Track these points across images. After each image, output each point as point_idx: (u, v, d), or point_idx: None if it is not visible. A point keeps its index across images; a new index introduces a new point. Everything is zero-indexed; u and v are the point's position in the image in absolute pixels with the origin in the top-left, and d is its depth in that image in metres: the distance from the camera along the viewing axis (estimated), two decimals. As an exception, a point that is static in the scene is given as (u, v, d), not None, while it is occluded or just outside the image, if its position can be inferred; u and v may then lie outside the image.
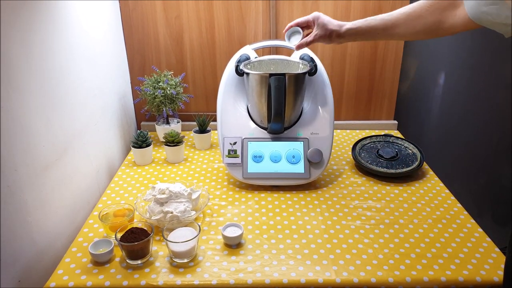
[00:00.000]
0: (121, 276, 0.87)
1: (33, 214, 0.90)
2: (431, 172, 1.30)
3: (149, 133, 1.38)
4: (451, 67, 1.52)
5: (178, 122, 1.52)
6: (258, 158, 1.20)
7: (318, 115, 1.23)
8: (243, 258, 0.93)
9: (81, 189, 1.13)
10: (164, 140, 1.36)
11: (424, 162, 1.32)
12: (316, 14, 1.03)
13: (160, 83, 1.41)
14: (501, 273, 0.88)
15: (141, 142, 1.33)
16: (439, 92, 1.56)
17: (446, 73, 1.53)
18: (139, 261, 0.91)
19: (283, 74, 1.11)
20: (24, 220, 0.87)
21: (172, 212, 0.99)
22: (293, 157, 1.19)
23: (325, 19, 1.01)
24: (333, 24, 1.00)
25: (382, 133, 1.58)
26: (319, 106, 1.24)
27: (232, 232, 0.97)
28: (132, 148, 1.34)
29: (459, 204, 1.13)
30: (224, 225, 1.00)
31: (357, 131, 1.63)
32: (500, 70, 1.46)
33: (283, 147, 1.20)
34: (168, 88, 1.40)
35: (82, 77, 1.14)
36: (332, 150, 1.41)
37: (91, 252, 0.91)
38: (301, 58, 1.23)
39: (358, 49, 1.52)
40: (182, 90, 1.46)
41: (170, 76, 1.44)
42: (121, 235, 0.92)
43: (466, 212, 1.09)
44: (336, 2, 1.44)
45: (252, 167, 1.19)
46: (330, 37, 1.00)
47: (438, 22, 0.84)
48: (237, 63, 1.21)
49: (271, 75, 1.11)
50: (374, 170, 1.26)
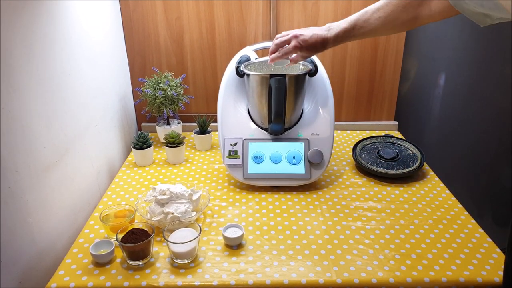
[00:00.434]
0: (122, 277, 0.87)
1: (33, 215, 0.90)
2: (432, 172, 1.30)
3: (149, 134, 1.38)
4: (451, 68, 1.52)
5: (178, 123, 1.52)
6: (258, 159, 1.20)
7: (319, 116, 1.23)
8: (244, 259, 0.93)
9: (82, 190, 1.13)
10: (165, 141, 1.36)
11: (425, 163, 1.32)
12: (296, 46, 1.00)
13: (161, 84, 1.41)
14: (502, 273, 0.87)
15: (142, 143, 1.33)
16: (440, 92, 1.56)
17: (446, 74, 1.53)
18: (140, 262, 0.91)
19: (284, 75, 1.11)
20: (25, 221, 0.87)
21: (172, 213, 0.99)
22: (294, 158, 1.20)
23: (306, 46, 0.99)
24: (317, 45, 0.99)
25: (383, 133, 1.58)
26: (319, 107, 1.24)
27: (233, 233, 0.97)
28: (133, 149, 1.34)
29: (459, 205, 1.13)
30: (224, 226, 1.00)
31: (358, 131, 1.63)
32: (501, 70, 1.46)
33: (283, 148, 1.21)
34: (169, 89, 1.40)
35: (82, 78, 1.14)
36: (333, 151, 1.41)
37: (92, 253, 0.91)
38: (302, 59, 1.23)
39: (359, 50, 1.52)
40: (182, 91, 1.46)
41: (170, 77, 1.44)
42: (122, 236, 0.92)
43: (466, 213, 1.09)
44: (336, 2, 1.44)
45: (253, 168, 1.19)
46: (314, 54, 1.03)
47: (415, 18, 0.87)
48: (238, 64, 1.21)
49: (271, 76, 1.11)
50: (374, 171, 1.26)
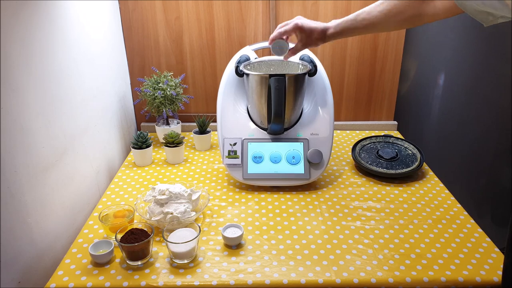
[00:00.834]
0: (121, 277, 0.87)
1: (33, 215, 0.90)
2: (431, 172, 1.30)
3: (149, 134, 1.38)
4: (451, 67, 1.52)
5: (178, 123, 1.52)
6: (258, 159, 1.20)
7: (318, 116, 1.23)
8: (243, 259, 0.93)
9: (81, 190, 1.13)
10: (164, 141, 1.36)
11: (424, 163, 1.32)
12: (297, 23, 1.02)
13: (160, 84, 1.41)
14: (500, 273, 0.88)
15: (141, 143, 1.33)
16: (439, 92, 1.56)
17: (446, 74, 1.53)
18: (139, 262, 0.91)
19: (283, 75, 1.11)
20: (24, 221, 0.87)
21: (172, 213, 0.99)
22: (293, 157, 1.20)
23: (307, 28, 1.02)
24: (317, 31, 1.01)
25: (382, 133, 1.58)
26: (319, 107, 1.24)
27: (232, 233, 0.97)
28: (132, 149, 1.34)
29: (459, 205, 1.13)
30: (224, 226, 1.00)
31: (357, 131, 1.63)
32: (500, 70, 1.46)
33: (283, 148, 1.21)
34: (168, 89, 1.40)
35: (82, 78, 1.14)
36: (332, 151, 1.41)
37: (91, 253, 0.91)
38: (301, 58, 1.23)
39: (358, 50, 1.52)
40: (182, 91, 1.46)
41: (170, 77, 1.44)
42: (121, 236, 0.92)
43: (466, 213, 1.09)
44: (336, 2, 1.44)
45: (252, 168, 1.19)
46: (315, 43, 1.04)
47: (419, 15, 0.86)
48: (237, 64, 1.21)
49: (271, 76, 1.11)
50: (374, 170, 1.26)
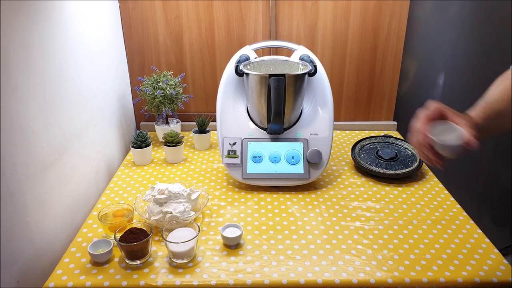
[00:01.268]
0: (120, 277, 0.87)
1: (32, 214, 0.90)
2: (430, 173, 1.30)
3: (148, 133, 1.38)
4: (450, 68, 1.52)
5: (177, 122, 1.52)
6: (257, 159, 1.20)
7: (318, 116, 1.23)
8: (243, 258, 0.93)
9: (80, 189, 1.13)
10: (164, 140, 1.36)
11: (424, 163, 1.32)
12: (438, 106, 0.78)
13: (160, 83, 1.41)
14: (500, 274, 0.88)
15: (141, 142, 1.33)
16: (439, 93, 1.56)
17: (445, 74, 1.53)
18: (138, 262, 0.91)
19: (283, 75, 1.11)
20: (23, 220, 0.87)
21: (171, 213, 0.99)
22: (293, 157, 1.19)
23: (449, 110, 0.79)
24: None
25: (382, 134, 1.58)
26: (318, 107, 1.24)
27: (232, 233, 0.97)
28: (132, 148, 1.34)
29: (458, 205, 1.13)
30: (223, 226, 1.00)
31: (357, 131, 1.63)
32: (500, 71, 1.46)
33: (282, 148, 1.20)
34: (168, 88, 1.40)
35: (81, 77, 1.14)
36: (332, 151, 1.41)
37: (90, 252, 0.91)
38: (301, 58, 1.23)
39: (358, 50, 1.52)
40: (181, 90, 1.45)
41: (169, 76, 1.44)
42: (120, 235, 0.92)
43: (465, 213, 1.09)
44: (336, 2, 1.44)
45: (252, 168, 1.19)
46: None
47: None
48: (237, 63, 1.21)
49: (270, 75, 1.11)
50: (373, 171, 1.26)
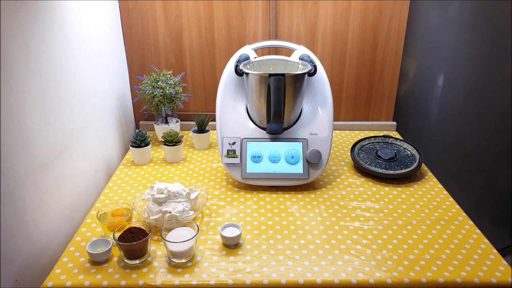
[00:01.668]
0: (119, 276, 0.87)
1: (31, 213, 0.89)
2: (430, 173, 1.30)
3: (147, 132, 1.38)
4: (450, 68, 1.52)
5: (177, 121, 1.52)
6: (257, 159, 1.19)
7: (317, 116, 1.23)
8: (242, 258, 0.93)
9: (79, 188, 1.13)
10: (163, 140, 1.36)
11: (423, 164, 1.32)
12: None
13: (159, 83, 1.41)
14: (499, 274, 0.88)
15: (140, 141, 1.33)
16: (438, 93, 1.56)
17: (445, 75, 1.53)
18: (137, 261, 0.91)
19: (283, 75, 1.11)
20: (22, 219, 0.87)
21: (170, 212, 0.99)
22: (292, 157, 1.19)
23: None
24: None
25: (381, 134, 1.58)
26: (318, 107, 1.24)
27: (231, 233, 0.97)
28: (131, 148, 1.34)
29: (457, 206, 1.13)
30: (222, 225, 1.00)
31: (356, 132, 1.63)
32: (499, 71, 1.47)
33: (282, 148, 1.20)
34: (167, 88, 1.40)
35: (81, 76, 1.14)
36: (331, 151, 1.41)
37: (89, 251, 0.90)
38: (301, 58, 1.23)
39: (358, 50, 1.52)
40: (181, 90, 1.45)
41: (169, 76, 1.44)
42: (119, 234, 0.92)
43: (464, 214, 1.09)
44: (336, 2, 1.44)
45: (251, 167, 1.19)
46: None
47: None
48: (237, 63, 1.21)
49: (270, 75, 1.11)
50: (372, 171, 1.26)
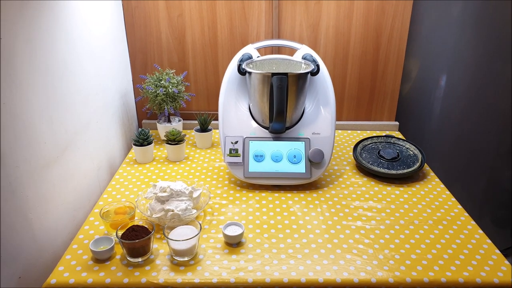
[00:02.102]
0: (122, 274, 0.87)
1: (34, 211, 0.90)
2: (432, 173, 1.30)
3: (150, 131, 1.38)
4: (452, 69, 1.52)
5: (179, 120, 1.52)
6: (259, 158, 1.20)
7: (320, 115, 1.23)
8: (244, 257, 0.93)
9: (82, 186, 1.13)
10: (165, 139, 1.36)
11: (425, 164, 1.32)
12: None
13: (162, 81, 1.41)
14: (501, 274, 0.88)
15: (142, 140, 1.33)
16: (441, 93, 1.56)
17: (447, 75, 1.53)
18: (140, 259, 0.91)
19: (286, 74, 1.11)
20: (25, 216, 0.87)
21: (173, 210, 0.99)
22: (294, 157, 1.19)
23: None
24: None
25: (383, 134, 1.58)
26: (320, 106, 1.24)
27: (233, 231, 0.97)
28: (133, 146, 1.34)
29: (459, 206, 1.13)
30: (225, 224, 1.00)
31: (358, 131, 1.63)
32: (502, 72, 1.46)
33: (284, 147, 1.20)
34: (170, 87, 1.40)
35: (84, 74, 1.14)
36: (333, 151, 1.41)
37: (92, 249, 0.91)
38: (304, 58, 1.23)
39: (361, 50, 1.52)
40: (183, 89, 1.46)
41: (172, 75, 1.44)
42: (122, 232, 0.92)
43: (466, 214, 1.09)
44: (339, 2, 1.44)
45: (253, 167, 1.19)
46: None
47: None
48: (240, 62, 1.21)
49: (273, 74, 1.11)
50: (375, 171, 1.26)
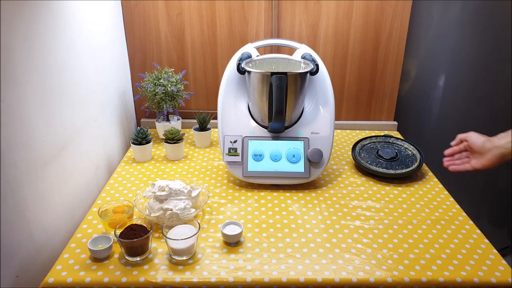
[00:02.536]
0: (120, 273, 0.87)
1: (32, 210, 0.90)
2: (430, 173, 1.30)
3: (149, 130, 1.37)
4: (451, 68, 1.52)
5: (178, 119, 1.52)
6: (258, 157, 1.20)
7: (319, 115, 1.23)
8: (242, 256, 0.93)
9: (80, 185, 1.13)
10: (164, 137, 1.36)
11: (424, 163, 1.33)
12: (469, 139, 1.04)
13: (161, 80, 1.40)
14: (498, 274, 0.88)
15: (141, 139, 1.33)
16: (439, 93, 1.56)
17: (446, 75, 1.53)
18: (138, 258, 0.91)
19: (285, 73, 1.11)
20: (23, 215, 0.87)
21: (171, 210, 0.99)
22: (293, 156, 1.19)
23: (478, 148, 1.02)
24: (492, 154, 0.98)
25: (382, 133, 1.58)
26: (320, 106, 1.24)
27: (232, 230, 0.97)
28: (132, 145, 1.34)
29: (457, 206, 1.13)
30: (223, 223, 1.00)
31: (357, 131, 1.63)
32: (501, 72, 1.47)
33: (283, 146, 1.20)
34: (169, 85, 1.40)
35: (83, 73, 1.14)
36: (332, 150, 1.41)
37: (90, 248, 0.91)
38: (303, 57, 1.23)
39: (360, 50, 1.52)
40: (182, 88, 1.45)
41: (171, 73, 1.44)
42: (120, 231, 0.92)
43: (464, 214, 1.10)
44: (338, 2, 1.44)
45: (252, 166, 1.19)
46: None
47: None
48: (239, 61, 1.21)
49: (272, 73, 1.11)
50: (373, 170, 1.26)
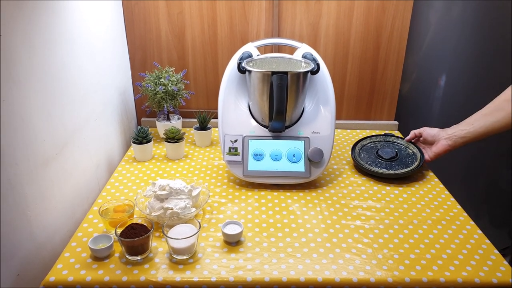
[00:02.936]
0: (121, 272, 0.87)
1: (32, 208, 0.90)
2: (431, 173, 1.30)
3: (149, 129, 1.37)
4: (452, 68, 1.52)
5: (178, 118, 1.52)
6: (258, 156, 1.19)
7: (320, 114, 1.23)
8: (243, 255, 0.93)
9: (81, 184, 1.13)
10: (165, 137, 1.36)
11: (424, 163, 1.32)
12: (423, 132, 1.29)
13: (162, 79, 1.40)
14: (500, 274, 0.88)
15: (142, 138, 1.33)
16: (440, 93, 1.56)
17: (447, 75, 1.53)
18: (139, 257, 0.91)
19: (286, 73, 1.10)
20: (24, 214, 0.87)
21: (172, 209, 0.99)
22: (294, 156, 1.19)
23: (431, 138, 1.26)
24: (444, 143, 1.22)
25: (383, 133, 1.58)
26: (320, 105, 1.23)
27: (232, 230, 0.97)
28: (132, 144, 1.34)
29: (458, 206, 1.13)
30: (224, 223, 1.00)
31: (358, 131, 1.63)
32: (502, 72, 1.46)
33: (284, 146, 1.20)
34: (170, 85, 1.40)
35: (83, 71, 1.14)
36: (333, 150, 1.41)
37: (91, 247, 0.91)
38: (304, 56, 1.23)
39: (360, 49, 1.52)
40: (183, 87, 1.45)
41: (171, 73, 1.44)
42: (121, 230, 0.92)
43: (465, 214, 1.10)
44: (339, 2, 1.44)
45: (253, 165, 1.19)
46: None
47: None
48: (240, 60, 1.21)
49: (273, 73, 1.11)
50: (373, 171, 1.26)
